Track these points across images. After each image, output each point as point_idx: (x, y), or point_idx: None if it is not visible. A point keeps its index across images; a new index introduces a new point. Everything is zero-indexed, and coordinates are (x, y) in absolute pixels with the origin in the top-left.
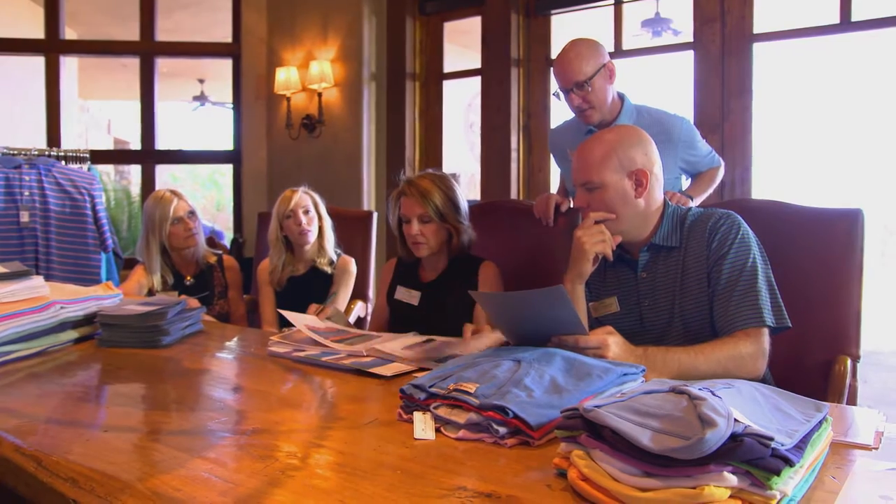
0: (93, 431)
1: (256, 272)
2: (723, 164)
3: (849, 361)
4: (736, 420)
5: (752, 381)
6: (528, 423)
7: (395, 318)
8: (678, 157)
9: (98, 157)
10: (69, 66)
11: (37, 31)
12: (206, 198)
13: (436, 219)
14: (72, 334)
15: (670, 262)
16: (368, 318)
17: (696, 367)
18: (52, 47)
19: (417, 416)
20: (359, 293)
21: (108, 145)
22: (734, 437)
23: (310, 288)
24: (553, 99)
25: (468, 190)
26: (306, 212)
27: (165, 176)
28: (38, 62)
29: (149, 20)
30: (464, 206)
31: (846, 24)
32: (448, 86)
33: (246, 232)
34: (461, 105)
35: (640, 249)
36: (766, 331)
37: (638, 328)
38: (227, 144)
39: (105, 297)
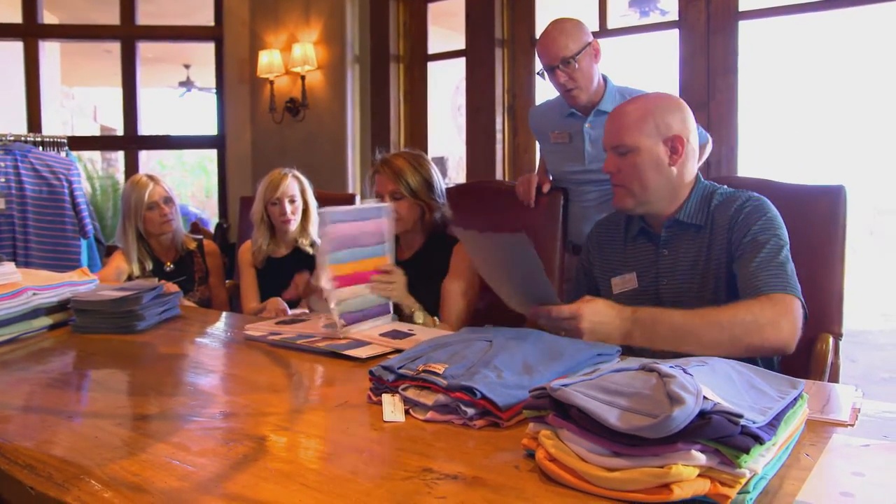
0: (60, 418)
1: (238, 254)
2: (710, 139)
3: (831, 339)
4: (705, 397)
5: (776, 350)
6: (496, 403)
7: None
8: None
9: (77, 143)
10: (51, 51)
11: (14, 16)
12: (195, 184)
13: (408, 195)
14: (45, 321)
15: (695, 243)
16: None
17: (691, 330)
18: (30, 32)
19: (386, 398)
20: None
21: (94, 133)
22: (703, 415)
23: (291, 268)
24: (538, 79)
25: (457, 173)
26: (292, 201)
27: (153, 163)
28: (17, 47)
29: (129, 4)
30: (438, 184)
31: (832, 0)
32: (436, 69)
33: (231, 217)
34: (449, 88)
35: (662, 224)
36: (796, 301)
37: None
38: (213, 130)
39: (80, 282)
